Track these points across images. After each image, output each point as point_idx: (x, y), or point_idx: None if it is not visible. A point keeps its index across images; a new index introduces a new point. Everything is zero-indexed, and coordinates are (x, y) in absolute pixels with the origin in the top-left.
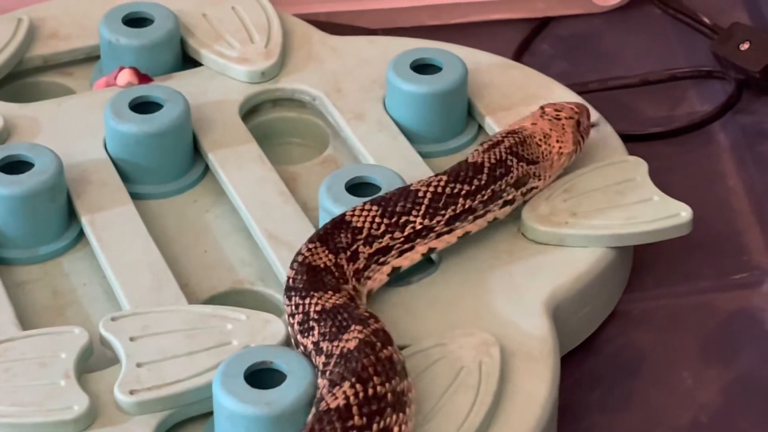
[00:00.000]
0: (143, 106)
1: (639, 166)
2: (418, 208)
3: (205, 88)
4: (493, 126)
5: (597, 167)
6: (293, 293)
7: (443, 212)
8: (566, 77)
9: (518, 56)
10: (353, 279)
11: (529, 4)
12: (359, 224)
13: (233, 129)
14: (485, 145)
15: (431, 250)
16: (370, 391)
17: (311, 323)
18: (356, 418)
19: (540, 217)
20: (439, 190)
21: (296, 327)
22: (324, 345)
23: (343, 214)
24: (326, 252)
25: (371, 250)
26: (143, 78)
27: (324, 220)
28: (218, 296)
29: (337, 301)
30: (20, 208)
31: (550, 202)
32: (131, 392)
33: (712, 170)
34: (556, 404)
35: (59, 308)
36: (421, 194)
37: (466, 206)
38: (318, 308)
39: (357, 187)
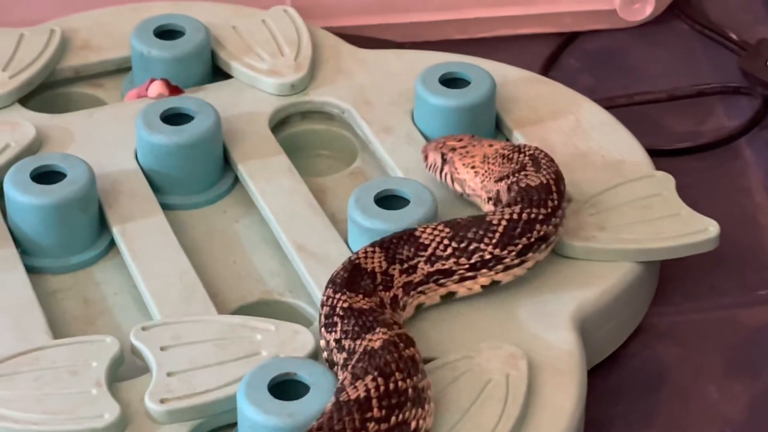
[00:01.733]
0: (174, 118)
1: (666, 182)
2: (490, 236)
3: (235, 100)
4: (521, 140)
5: (624, 182)
6: (330, 285)
7: (517, 242)
8: (593, 92)
9: (545, 71)
10: (399, 289)
11: (556, 19)
12: (426, 241)
13: (263, 141)
14: (544, 170)
15: (495, 283)
16: (392, 385)
17: (335, 318)
18: (375, 410)
19: (567, 231)
20: (515, 216)
21: (322, 319)
22: (346, 343)
23: (414, 228)
24: (381, 258)
25: (431, 269)
26: (174, 90)
27: (353, 231)
28: (247, 307)
29: (364, 306)
30: (53, 217)
31: (578, 217)
32: (162, 401)
33: (738, 185)
34: (583, 418)
35: (90, 317)
36: (495, 222)
37: (542, 233)
38: (345, 305)
39: (385, 199)
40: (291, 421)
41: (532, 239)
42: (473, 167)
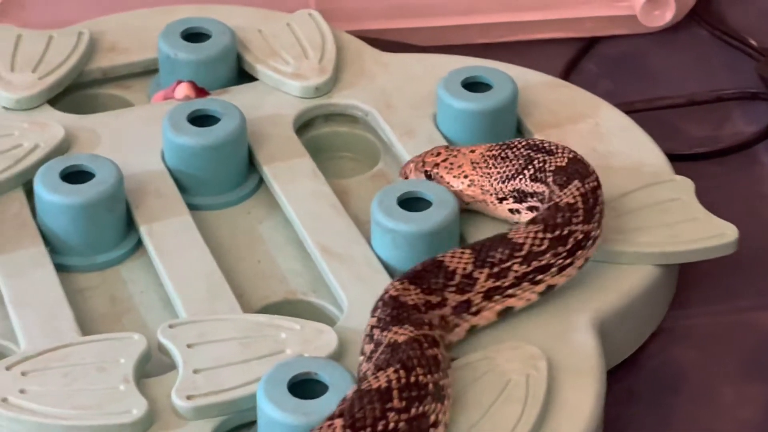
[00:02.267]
0: (200, 120)
1: (685, 186)
2: (577, 215)
3: (260, 102)
4: None
5: (643, 186)
6: (400, 276)
7: (594, 212)
8: (613, 96)
9: (566, 75)
10: (478, 295)
11: (576, 24)
12: (520, 240)
13: (287, 143)
14: (558, 149)
15: (586, 262)
16: (413, 378)
17: (379, 303)
18: (396, 401)
19: None
20: (582, 190)
21: (376, 302)
22: (376, 332)
23: (506, 233)
24: (470, 260)
25: (527, 269)
26: (200, 92)
27: (375, 233)
28: (271, 306)
29: (409, 300)
30: (81, 217)
31: None
32: (188, 398)
33: (756, 191)
34: (602, 419)
35: (117, 315)
36: (571, 201)
37: (602, 197)
38: (393, 294)
39: (408, 201)
40: (307, 420)
41: (601, 204)
42: (466, 176)
